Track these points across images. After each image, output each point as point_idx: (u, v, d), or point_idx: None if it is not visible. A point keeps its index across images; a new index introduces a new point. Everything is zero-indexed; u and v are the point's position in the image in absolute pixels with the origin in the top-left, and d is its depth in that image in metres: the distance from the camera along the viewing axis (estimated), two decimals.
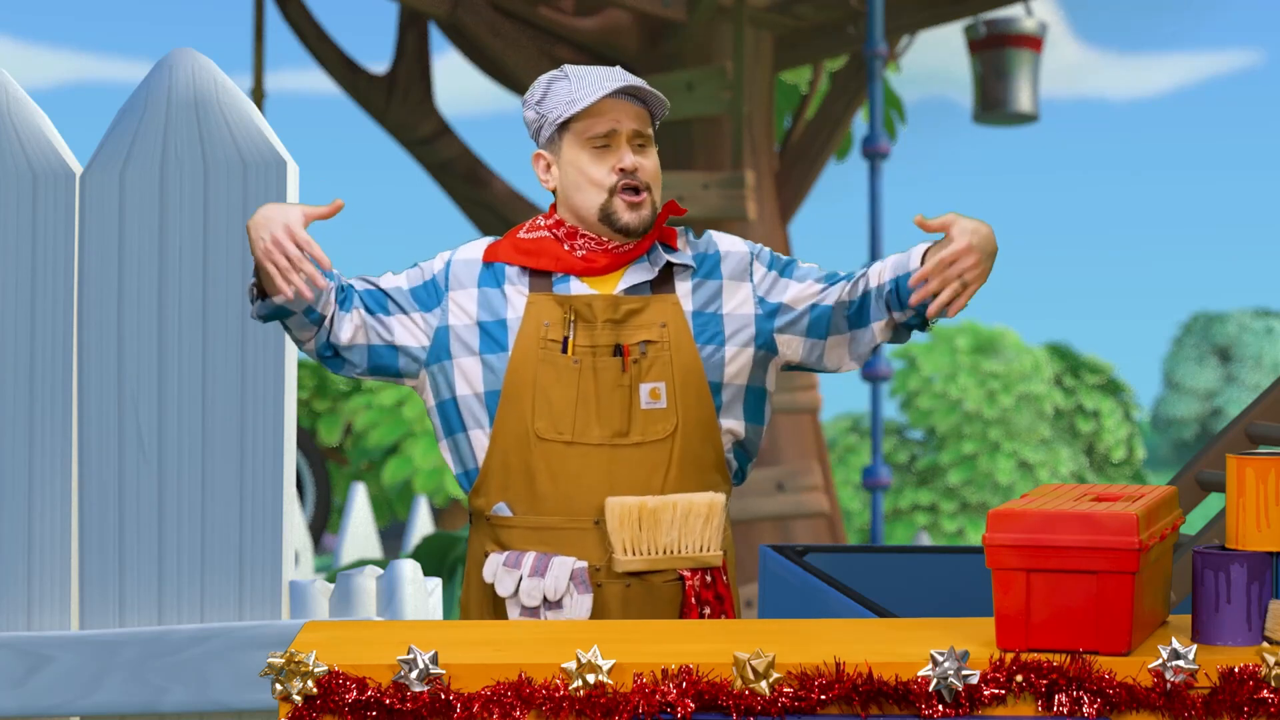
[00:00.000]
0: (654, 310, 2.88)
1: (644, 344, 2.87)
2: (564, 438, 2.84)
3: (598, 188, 2.88)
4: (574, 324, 2.87)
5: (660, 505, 2.82)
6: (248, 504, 2.78)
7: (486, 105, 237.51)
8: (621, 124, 2.87)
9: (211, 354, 2.80)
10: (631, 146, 2.88)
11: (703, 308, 2.92)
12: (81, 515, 2.81)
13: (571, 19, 9.45)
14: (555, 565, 2.83)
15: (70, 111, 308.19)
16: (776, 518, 8.87)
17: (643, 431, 2.85)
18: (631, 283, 2.89)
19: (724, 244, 2.98)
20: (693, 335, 2.90)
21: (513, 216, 9.79)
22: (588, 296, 2.86)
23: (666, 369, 2.87)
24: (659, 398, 2.86)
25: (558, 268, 2.88)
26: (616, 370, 2.85)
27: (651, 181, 2.89)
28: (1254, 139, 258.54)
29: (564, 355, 2.85)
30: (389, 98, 9.77)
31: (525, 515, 2.86)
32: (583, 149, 2.89)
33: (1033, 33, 9.86)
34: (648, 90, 2.87)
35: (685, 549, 2.84)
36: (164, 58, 2.83)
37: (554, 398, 2.84)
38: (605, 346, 2.85)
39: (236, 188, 2.80)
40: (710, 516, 2.85)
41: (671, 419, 2.86)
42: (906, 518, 21.72)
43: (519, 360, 2.85)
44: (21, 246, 2.83)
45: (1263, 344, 44.80)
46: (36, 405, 2.82)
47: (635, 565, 2.81)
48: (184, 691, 2.72)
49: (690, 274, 2.94)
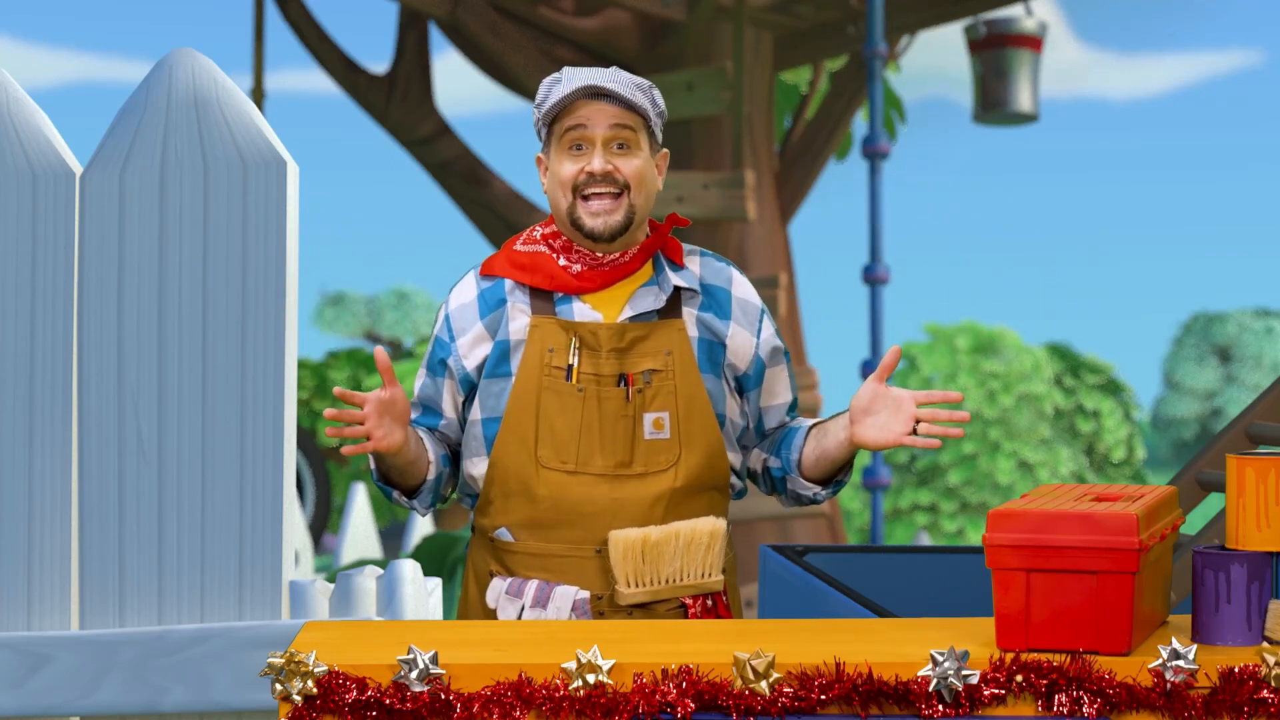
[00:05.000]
0: (659, 337, 2.84)
1: (648, 373, 2.84)
2: (567, 467, 2.82)
3: (564, 190, 2.83)
4: (579, 351, 2.84)
5: (663, 537, 2.80)
6: (248, 504, 2.78)
7: (486, 105, 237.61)
8: (592, 124, 2.80)
9: (211, 354, 2.80)
10: (609, 149, 2.81)
11: (709, 336, 2.89)
12: (81, 515, 2.81)
13: (571, 19, 9.45)
14: (557, 596, 2.82)
15: (70, 111, 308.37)
16: (776, 518, 8.87)
17: (645, 462, 2.83)
18: (639, 310, 2.84)
19: (738, 288, 2.93)
20: (698, 363, 2.87)
21: (513, 216, 9.78)
22: (593, 325, 2.81)
23: (670, 399, 2.84)
24: (662, 428, 2.84)
25: (553, 286, 2.84)
26: (620, 400, 2.82)
27: (633, 182, 2.82)
28: (1254, 139, 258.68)
29: (568, 383, 2.82)
30: (389, 98, 9.77)
31: (527, 542, 2.86)
32: (560, 151, 2.84)
33: (1033, 33, 9.86)
34: (618, 91, 2.79)
35: (687, 576, 2.83)
36: (164, 58, 2.83)
37: (558, 426, 2.82)
38: (609, 376, 2.82)
39: (236, 188, 2.80)
40: (712, 544, 2.84)
41: (674, 449, 2.84)
42: (906, 518, 21.72)
43: (522, 386, 2.83)
44: (21, 246, 2.83)
45: (1263, 344, 44.79)
46: (36, 405, 2.82)
47: (638, 597, 2.80)
48: (184, 691, 2.72)
49: (698, 301, 2.90)
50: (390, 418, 2.75)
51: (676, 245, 2.92)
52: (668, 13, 9.22)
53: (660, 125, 2.89)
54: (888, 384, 2.81)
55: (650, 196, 2.86)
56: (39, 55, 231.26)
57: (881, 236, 8.25)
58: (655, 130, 2.87)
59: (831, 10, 9.66)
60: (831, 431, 2.90)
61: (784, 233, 9.76)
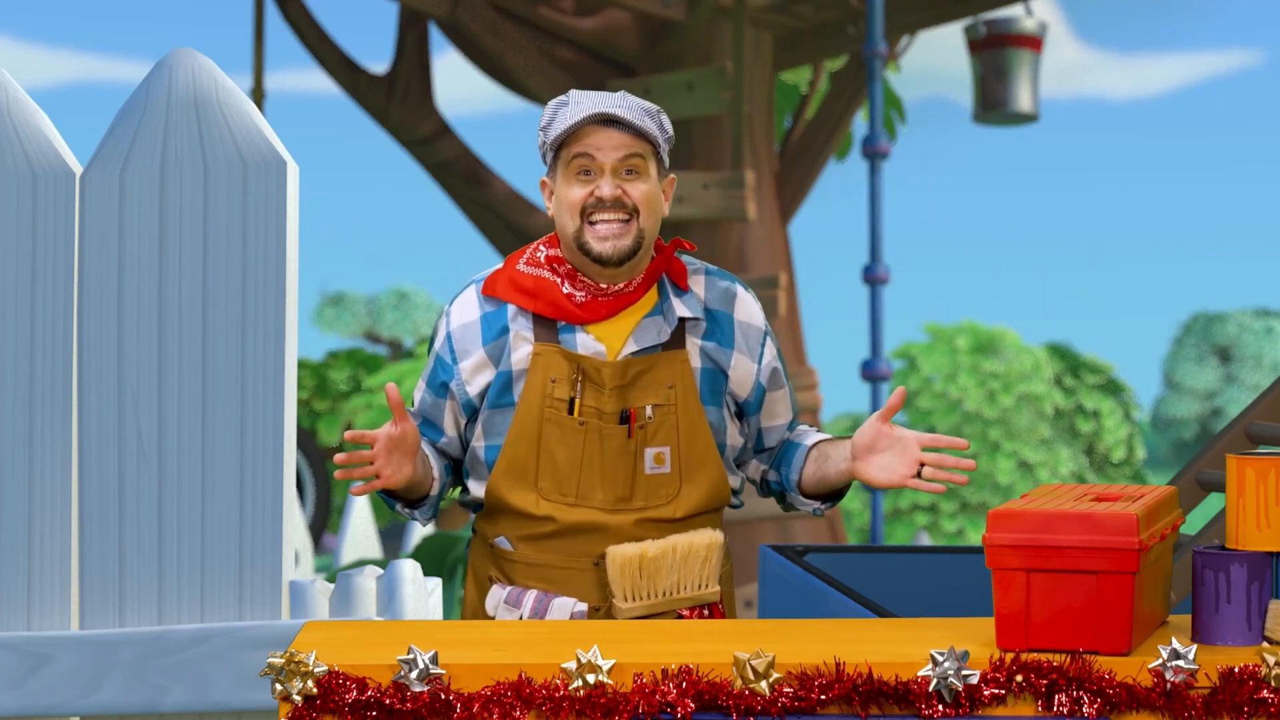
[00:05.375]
0: (662, 370, 2.82)
1: (651, 408, 2.83)
2: (567, 500, 2.81)
3: (572, 215, 2.79)
4: (581, 384, 2.83)
5: (660, 552, 2.80)
6: (248, 504, 2.78)
7: (486, 105, 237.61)
8: (601, 151, 2.77)
9: (211, 354, 2.80)
10: (617, 175, 2.78)
11: (711, 365, 2.87)
12: (81, 515, 2.81)
13: (571, 19, 9.44)
14: (555, 607, 2.82)
15: (70, 111, 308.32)
16: (776, 518, 8.87)
17: (645, 497, 2.83)
18: (643, 344, 2.83)
19: (741, 311, 2.91)
20: (700, 394, 2.86)
21: (513, 216, 9.78)
22: (597, 361, 2.79)
23: (672, 433, 2.83)
24: (663, 462, 2.83)
25: (557, 315, 2.82)
26: (622, 436, 2.80)
27: (642, 208, 2.79)
28: (1254, 139, 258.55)
29: (570, 416, 2.81)
30: (389, 98, 9.77)
31: (526, 552, 2.86)
32: (567, 176, 2.81)
33: (1033, 33, 9.86)
34: (628, 119, 2.76)
35: (684, 589, 2.83)
36: (164, 58, 2.83)
37: (559, 459, 2.81)
38: (611, 413, 2.81)
39: (236, 188, 2.80)
40: (709, 556, 2.83)
41: (674, 483, 2.84)
42: (906, 518, 21.71)
43: (524, 416, 2.82)
44: (21, 246, 2.83)
45: (1263, 344, 44.78)
46: (36, 405, 2.82)
47: (636, 611, 2.80)
48: (184, 691, 2.72)
49: (701, 329, 2.87)
50: (400, 453, 2.75)
51: (680, 267, 2.88)
52: (668, 13, 9.22)
53: (668, 150, 2.86)
54: (893, 421, 2.80)
55: (657, 221, 2.84)
56: (39, 55, 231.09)
57: (881, 236, 8.25)
58: (663, 155, 2.84)
59: (831, 10, 9.66)
60: (833, 459, 2.89)
61: (784, 233, 9.76)
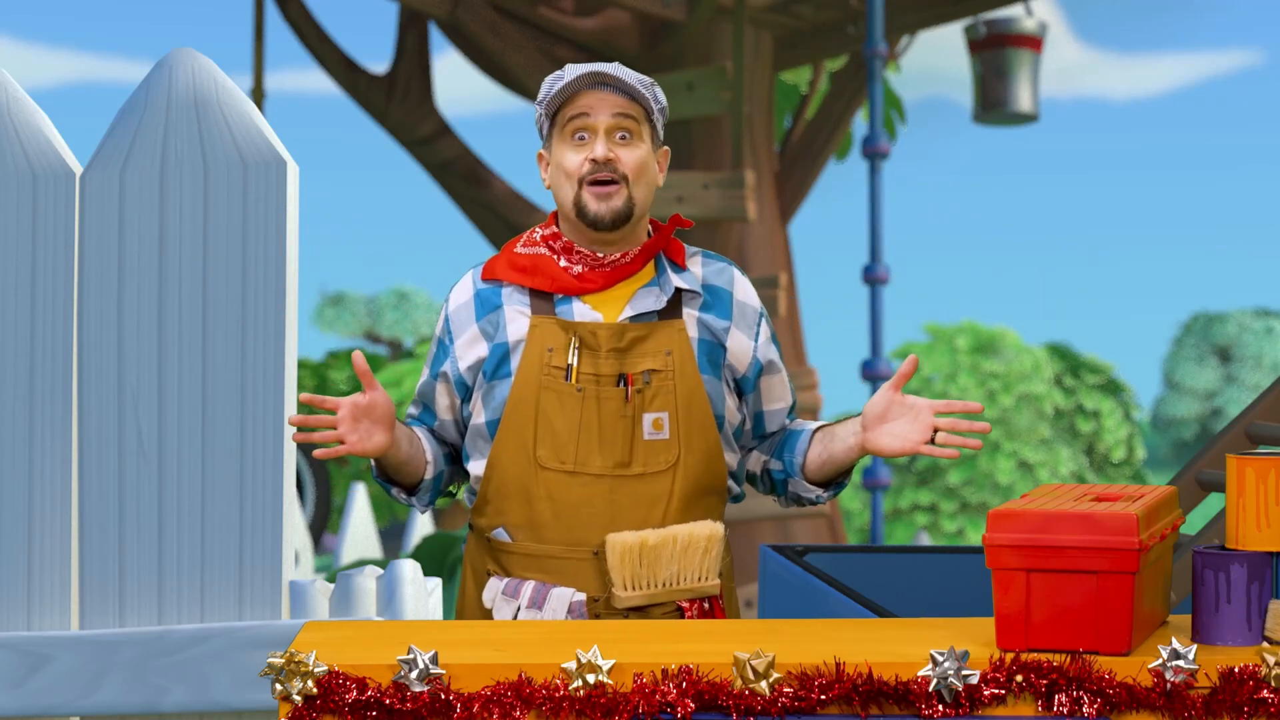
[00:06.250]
0: (660, 337, 2.83)
1: (648, 373, 2.83)
2: (565, 467, 2.81)
3: (570, 179, 2.82)
4: (578, 350, 2.83)
5: (660, 541, 2.80)
6: (248, 504, 2.78)
7: (486, 105, 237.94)
8: (595, 113, 2.81)
9: (211, 354, 2.80)
10: (611, 139, 2.82)
11: (709, 336, 2.89)
12: (81, 515, 2.81)
13: (571, 19, 9.44)
14: (553, 597, 2.82)
15: (70, 111, 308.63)
16: (776, 518, 8.87)
17: (644, 463, 2.82)
18: (639, 310, 2.84)
19: (739, 290, 2.93)
20: (697, 364, 2.87)
21: (513, 216, 9.78)
22: (593, 325, 2.81)
23: (670, 399, 2.83)
24: (661, 428, 2.83)
25: (554, 288, 2.84)
26: (620, 400, 2.81)
27: (632, 174, 2.82)
28: (1254, 139, 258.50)
29: (567, 383, 2.82)
30: (389, 98, 9.77)
31: (524, 542, 2.85)
32: (563, 142, 2.84)
33: (1033, 33, 9.86)
34: (622, 79, 2.81)
35: (684, 580, 2.83)
36: (164, 58, 2.83)
37: (557, 426, 2.81)
38: (609, 376, 2.81)
39: (236, 188, 2.80)
40: (709, 547, 2.83)
41: (674, 449, 2.84)
42: (906, 518, 21.72)
43: (521, 386, 2.82)
44: (21, 246, 2.83)
45: (1263, 344, 44.80)
46: (36, 405, 2.82)
47: (635, 600, 2.79)
48: (184, 691, 2.72)
49: (699, 302, 2.90)
50: (370, 421, 2.74)
51: (679, 246, 2.92)
52: (668, 13, 9.22)
53: (662, 122, 2.89)
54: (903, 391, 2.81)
55: (650, 189, 2.86)
56: (39, 55, 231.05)
57: (881, 236, 8.25)
58: (657, 125, 2.88)
59: (831, 10, 9.66)
60: (840, 437, 2.89)
61: (784, 233, 9.76)
